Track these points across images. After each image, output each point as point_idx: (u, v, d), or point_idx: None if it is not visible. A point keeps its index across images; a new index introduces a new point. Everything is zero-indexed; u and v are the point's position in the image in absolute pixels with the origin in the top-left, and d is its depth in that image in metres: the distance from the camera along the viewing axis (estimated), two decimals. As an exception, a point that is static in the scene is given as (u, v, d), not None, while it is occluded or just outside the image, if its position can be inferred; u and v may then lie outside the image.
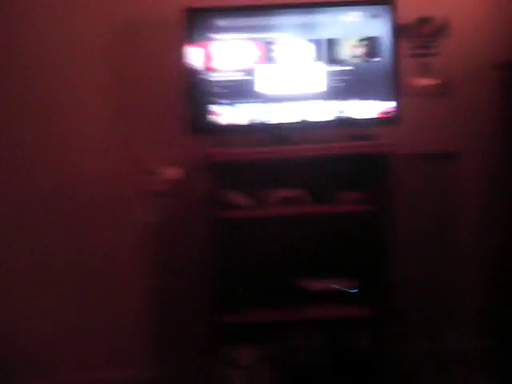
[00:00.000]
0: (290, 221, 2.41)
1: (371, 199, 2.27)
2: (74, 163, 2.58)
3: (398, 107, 2.34)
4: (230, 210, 2.25)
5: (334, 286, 2.31)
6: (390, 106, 2.35)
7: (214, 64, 2.34)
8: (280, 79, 2.36)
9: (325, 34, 2.35)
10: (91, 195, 2.59)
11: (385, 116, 2.35)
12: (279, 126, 2.37)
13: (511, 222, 2.44)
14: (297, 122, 2.36)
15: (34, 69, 2.55)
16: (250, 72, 2.35)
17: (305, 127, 2.37)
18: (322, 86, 2.36)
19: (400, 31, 2.49)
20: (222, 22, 2.35)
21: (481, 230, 2.67)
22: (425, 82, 2.60)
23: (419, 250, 2.60)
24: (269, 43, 2.35)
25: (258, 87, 2.35)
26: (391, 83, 2.35)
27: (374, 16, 2.36)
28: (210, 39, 2.34)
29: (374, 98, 2.36)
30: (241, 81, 2.35)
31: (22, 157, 2.57)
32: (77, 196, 2.59)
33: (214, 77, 2.34)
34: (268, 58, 2.35)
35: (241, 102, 2.35)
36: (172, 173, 2.42)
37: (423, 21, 2.58)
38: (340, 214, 2.32)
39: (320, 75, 2.35)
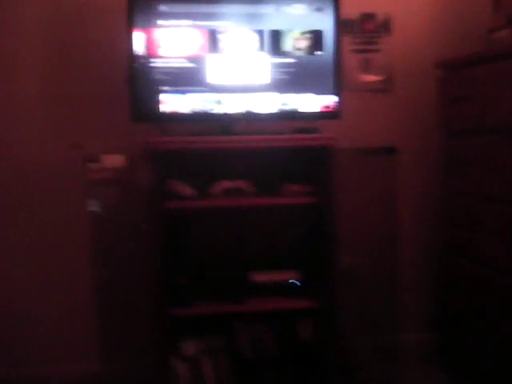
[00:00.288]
0: (236, 212, 2.40)
1: (315, 192, 2.29)
2: (14, 152, 2.49)
3: (340, 102, 2.37)
4: (174, 201, 2.21)
5: (280, 278, 2.31)
6: (331, 100, 2.38)
7: (158, 50, 2.29)
8: (225, 69, 2.34)
9: (269, 25, 2.35)
10: (32, 185, 2.51)
11: (327, 110, 2.38)
12: (224, 117, 2.35)
13: (447, 216, 2.52)
14: (241, 113, 2.34)
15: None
16: (194, 60, 2.31)
17: (249, 118, 2.35)
18: (266, 78, 2.35)
19: (343, 26, 2.54)
20: (166, 8, 2.30)
21: (419, 224, 2.75)
22: (367, 77, 2.65)
23: (361, 242, 2.64)
24: (214, 31, 2.32)
25: (203, 76, 2.32)
26: (333, 77, 2.37)
27: (318, 9, 2.38)
28: (154, 25, 2.28)
29: (317, 92, 2.37)
30: (185, 69, 2.31)
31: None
32: (17, 186, 2.50)
33: (158, 64, 2.29)
34: (213, 46, 2.33)
35: (185, 91, 2.31)
36: (115, 161, 2.37)
37: (366, 17, 2.63)
38: (285, 206, 2.33)
39: (264, 66, 2.35)
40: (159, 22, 2.29)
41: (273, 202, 2.29)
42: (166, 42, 2.30)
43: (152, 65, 2.29)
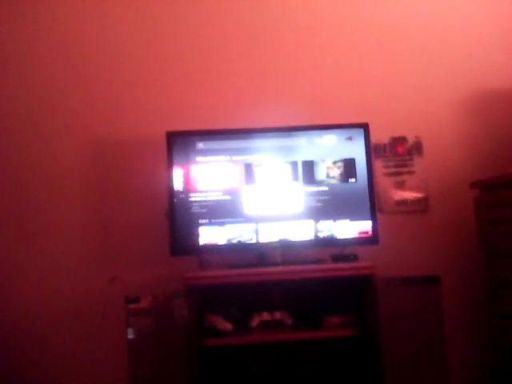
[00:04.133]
0: (274, 346, 2.33)
1: (358, 323, 2.21)
2: (54, 285, 2.55)
3: (376, 226, 2.37)
4: (211, 337, 2.18)
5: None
6: (368, 225, 2.38)
7: (196, 185, 2.39)
8: (259, 199, 2.40)
9: (302, 156, 2.43)
10: (71, 318, 2.54)
11: (364, 235, 2.38)
12: (260, 246, 2.37)
13: (496, 342, 2.38)
14: (277, 242, 2.37)
15: (10, 192, 2.60)
16: (231, 193, 2.39)
17: (286, 247, 2.37)
18: (301, 206, 2.40)
19: (375, 151, 2.59)
20: (203, 145, 2.43)
21: (466, 350, 2.60)
22: (402, 199, 2.65)
23: (408, 373, 2.48)
24: (248, 165, 2.42)
25: (240, 207, 2.39)
26: (368, 202, 2.40)
27: (349, 138, 2.46)
28: (192, 161, 2.40)
29: (352, 218, 2.39)
30: (223, 201, 2.39)
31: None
32: (58, 319, 2.54)
33: (197, 198, 2.38)
34: (247, 179, 2.41)
35: (223, 223, 2.37)
36: (152, 296, 2.38)
37: (397, 140, 2.68)
38: (324, 340, 2.26)
39: (298, 196, 2.40)
40: (197, 158, 2.41)
41: (313, 336, 2.21)
42: (204, 177, 2.40)
43: (191, 199, 2.37)
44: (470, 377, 2.60)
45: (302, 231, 2.38)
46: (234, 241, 2.36)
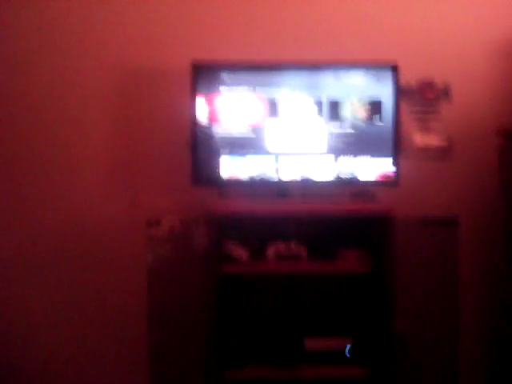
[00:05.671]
0: (289, 276, 2.39)
1: (372, 259, 2.26)
2: (77, 211, 2.62)
3: (398, 169, 2.37)
4: (228, 264, 2.24)
5: (332, 344, 2.27)
6: (389, 166, 2.38)
7: (218, 117, 2.39)
8: (283, 135, 2.40)
9: (328, 93, 2.41)
10: (92, 241, 2.61)
11: (384, 177, 2.38)
12: (280, 181, 2.39)
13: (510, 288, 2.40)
14: (298, 178, 2.39)
15: (35, 116, 2.62)
16: (253, 126, 2.40)
17: (306, 183, 2.39)
18: (324, 144, 2.39)
19: (402, 94, 2.55)
20: (227, 77, 2.41)
21: (480, 295, 2.64)
22: (426, 144, 2.63)
23: (420, 312, 2.54)
24: (273, 99, 2.40)
25: (261, 142, 2.39)
26: (392, 144, 2.39)
27: (377, 78, 2.42)
28: (216, 93, 2.39)
29: (374, 156, 2.39)
30: (244, 135, 2.39)
31: (23, 207, 2.62)
32: (79, 242, 2.61)
33: (218, 130, 2.39)
34: (271, 113, 2.40)
35: (243, 156, 2.39)
36: (173, 222, 2.44)
37: (426, 84, 2.63)
38: (339, 272, 2.31)
39: (322, 133, 2.39)
40: (221, 89, 2.40)
41: (327, 268, 2.26)
42: (227, 109, 2.39)
43: (213, 131, 2.39)
44: (482, 316, 2.65)
45: (324, 169, 2.39)
46: (255, 175, 2.38)
